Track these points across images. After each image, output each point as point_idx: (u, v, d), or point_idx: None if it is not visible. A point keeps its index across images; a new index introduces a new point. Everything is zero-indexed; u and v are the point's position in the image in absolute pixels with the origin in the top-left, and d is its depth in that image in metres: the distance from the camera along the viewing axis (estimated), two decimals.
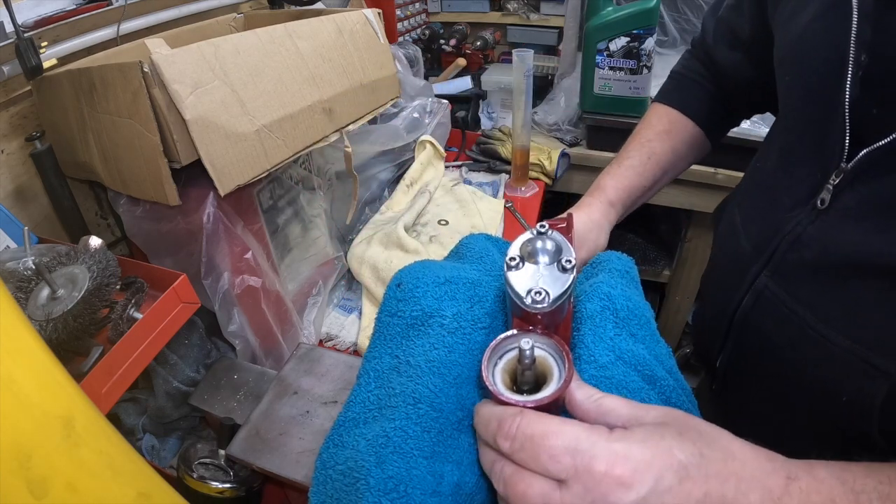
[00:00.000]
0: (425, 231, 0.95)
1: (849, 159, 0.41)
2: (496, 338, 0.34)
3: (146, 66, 0.50)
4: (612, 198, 0.63)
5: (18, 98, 0.68)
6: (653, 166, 0.65)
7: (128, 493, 0.29)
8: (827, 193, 0.43)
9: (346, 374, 0.60)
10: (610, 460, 0.27)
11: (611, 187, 0.64)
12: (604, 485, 0.26)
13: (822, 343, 0.43)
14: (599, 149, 1.36)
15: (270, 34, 0.62)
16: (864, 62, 0.38)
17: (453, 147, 1.29)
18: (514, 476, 0.29)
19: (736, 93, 0.66)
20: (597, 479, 0.26)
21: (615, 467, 0.26)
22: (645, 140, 0.66)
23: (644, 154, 0.65)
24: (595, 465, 0.27)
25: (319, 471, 0.39)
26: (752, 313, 0.52)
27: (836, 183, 0.42)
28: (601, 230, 0.61)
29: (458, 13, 1.77)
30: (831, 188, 0.42)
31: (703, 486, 0.27)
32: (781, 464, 0.29)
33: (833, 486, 0.28)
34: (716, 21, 0.65)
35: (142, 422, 0.71)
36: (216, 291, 0.61)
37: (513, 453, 0.29)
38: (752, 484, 0.28)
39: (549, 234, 0.35)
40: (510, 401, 0.30)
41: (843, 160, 0.41)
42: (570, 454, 0.27)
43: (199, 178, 0.56)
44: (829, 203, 0.43)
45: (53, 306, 0.45)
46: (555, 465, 0.27)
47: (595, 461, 0.27)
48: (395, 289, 0.45)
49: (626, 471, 0.26)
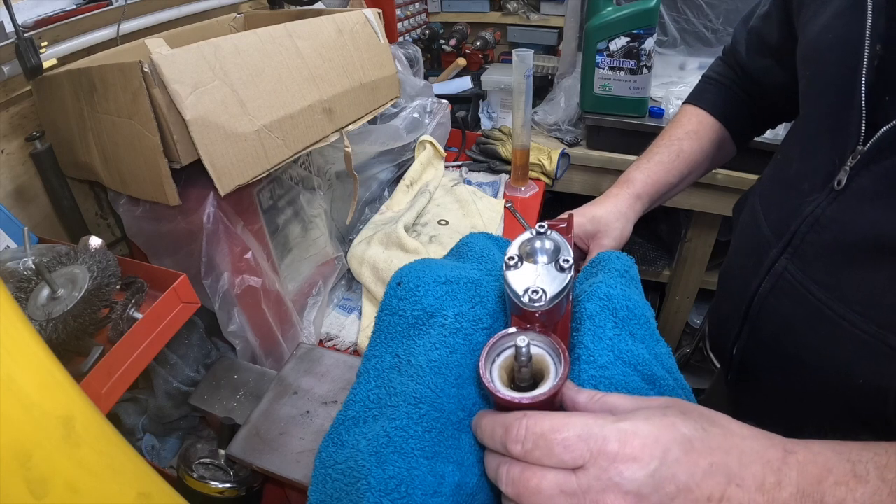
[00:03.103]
0: (425, 231, 0.95)
1: (865, 142, 0.42)
2: (493, 336, 0.34)
3: (146, 66, 0.50)
4: (639, 191, 0.64)
5: (18, 98, 0.68)
6: (680, 164, 0.66)
7: (128, 493, 0.29)
8: (844, 174, 0.44)
9: (346, 374, 0.60)
10: (622, 439, 0.28)
11: (639, 181, 0.65)
12: (618, 462, 0.27)
13: (840, 324, 0.44)
14: (599, 149, 1.37)
15: (270, 34, 0.62)
16: (879, 52, 0.40)
17: (453, 147, 1.29)
18: (524, 473, 0.29)
19: (764, 99, 0.68)
20: (611, 457, 0.27)
21: (626, 445, 0.28)
22: (675, 138, 0.68)
23: (673, 151, 0.67)
24: (608, 446, 0.28)
25: (319, 469, 0.39)
26: (769, 297, 0.52)
27: (853, 164, 0.43)
28: (627, 221, 0.62)
29: (458, 13, 1.77)
30: (848, 169, 0.43)
31: (707, 457, 0.28)
32: (779, 440, 0.30)
33: (829, 457, 0.29)
34: (748, 31, 0.67)
35: (142, 422, 0.71)
36: (216, 291, 0.61)
37: (526, 454, 0.29)
38: (753, 456, 0.29)
39: (549, 234, 0.35)
40: (507, 397, 0.31)
41: (859, 143, 0.42)
42: (584, 440, 0.28)
43: (199, 178, 0.56)
44: (846, 184, 0.44)
45: (53, 306, 0.45)
46: (570, 455, 0.28)
47: (608, 442, 0.28)
48: (395, 287, 0.45)
49: (636, 447, 0.27)
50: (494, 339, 0.34)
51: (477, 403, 0.39)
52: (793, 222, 0.49)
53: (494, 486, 0.38)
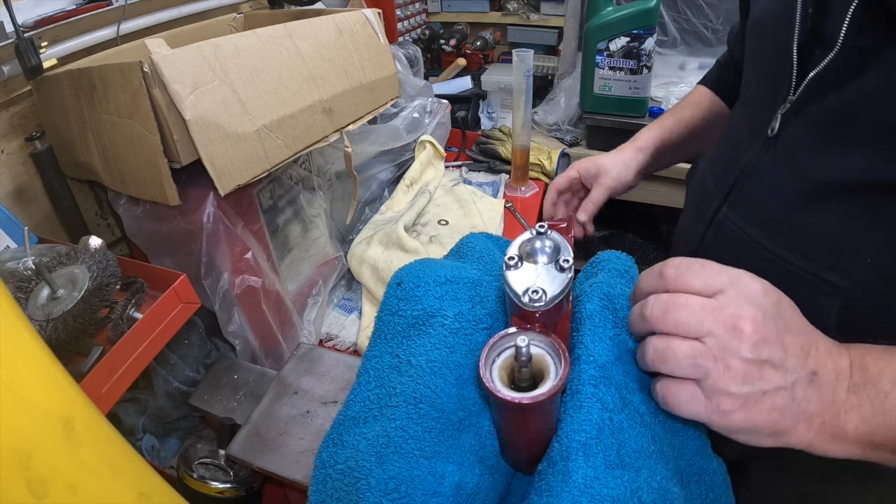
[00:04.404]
0: (425, 231, 0.95)
1: (795, 92, 0.46)
2: (493, 336, 0.34)
3: (146, 66, 0.50)
4: (640, 145, 0.73)
5: (18, 98, 0.68)
6: (681, 127, 0.75)
7: (128, 493, 0.29)
8: (776, 122, 0.48)
9: (346, 374, 0.60)
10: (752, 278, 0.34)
11: (642, 137, 0.74)
12: (751, 288, 0.33)
13: (779, 264, 0.47)
14: (599, 149, 1.37)
15: (270, 34, 0.62)
16: (810, 14, 0.44)
17: (453, 147, 1.29)
18: (673, 295, 0.34)
19: None
20: (745, 285, 0.33)
21: (757, 280, 0.34)
22: (678, 108, 0.78)
23: (675, 117, 0.76)
24: (743, 279, 0.33)
25: (319, 469, 0.39)
26: (712, 246, 0.55)
27: (784, 112, 0.47)
28: (626, 167, 0.71)
29: (458, 13, 1.77)
30: (780, 117, 0.47)
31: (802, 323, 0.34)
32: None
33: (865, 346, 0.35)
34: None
35: (142, 422, 0.71)
36: (216, 291, 0.61)
37: (679, 276, 0.34)
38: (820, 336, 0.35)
39: (549, 234, 0.35)
40: (507, 398, 0.31)
41: (790, 93, 0.46)
42: (725, 272, 0.34)
43: (199, 178, 0.56)
44: (778, 131, 0.48)
45: (53, 306, 0.45)
46: (715, 279, 0.33)
47: (742, 276, 0.34)
48: (395, 287, 0.45)
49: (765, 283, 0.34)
50: (494, 339, 0.34)
51: (477, 403, 0.39)
52: (732, 173, 0.53)
53: (494, 485, 0.38)
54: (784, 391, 0.32)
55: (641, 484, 0.32)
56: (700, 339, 0.32)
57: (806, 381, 0.32)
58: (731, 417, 0.32)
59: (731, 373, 0.31)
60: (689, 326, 0.32)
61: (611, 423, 0.34)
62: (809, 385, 0.32)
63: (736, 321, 0.31)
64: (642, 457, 0.33)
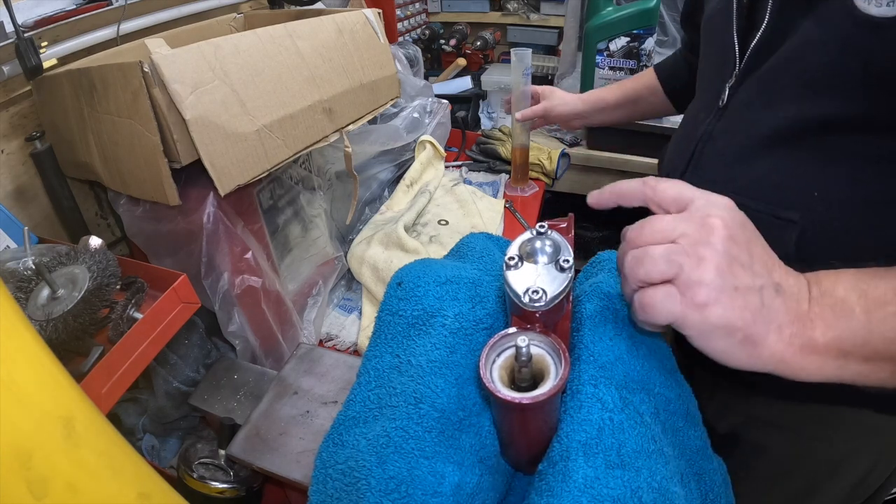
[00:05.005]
0: (425, 231, 0.95)
1: (738, 66, 0.54)
2: (494, 336, 0.34)
3: (146, 66, 0.50)
4: (585, 98, 0.97)
5: (18, 98, 0.68)
6: (619, 92, 0.94)
7: (128, 493, 0.29)
8: (725, 94, 0.55)
9: (346, 374, 0.60)
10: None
11: (588, 93, 0.98)
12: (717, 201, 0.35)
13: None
14: (599, 149, 1.37)
15: (270, 34, 0.62)
16: (745, 4, 0.53)
17: (453, 147, 1.28)
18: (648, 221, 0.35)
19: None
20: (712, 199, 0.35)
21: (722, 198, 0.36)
22: (625, 81, 0.97)
23: (616, 85, 0.96)
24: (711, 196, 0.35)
25: (319, 469, 0.39)
26: None
27: (731, 84, 0.54)
28: (566, 103, 0.97)
29: (458, 13, 1.77)
30: (727, 89, 0.55)
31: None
32: None
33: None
34: None
35: (142, 422, 0.71)
36: (216, 291, 0.61)
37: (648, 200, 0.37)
38: None
39: (549, 234, 0.35)
40: (507, 398, 0.31)
41: (735, 69, 0.54)
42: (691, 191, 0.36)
43: (199, 178, 0.56)
44: (727, 101, 0.55)
45: (53, 306, 0.45)
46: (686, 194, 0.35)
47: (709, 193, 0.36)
48: (395, 287, 0.45)
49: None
50: (494, 339, 0.34)
51: (477, 403, 0.39)
52: (692, 143, 0.59)
53: (494, 485, 0.38)
54: (754, 292, 0.33)
55: (641, 484, 0.32)
56: (675, 239, 0.33)
57: (773, 290, 0.34)
58: (707, 311, 0.32)
59: (704, 264, 0.32)
60: (664, 232, 0.34)
61: (611, 423, 0.34)
62: (776, 295, 0.34)
63: (706, 219, 0.33)
64: (642, 457, 0.33)
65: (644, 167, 1.34)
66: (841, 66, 0.43)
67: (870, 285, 0.34)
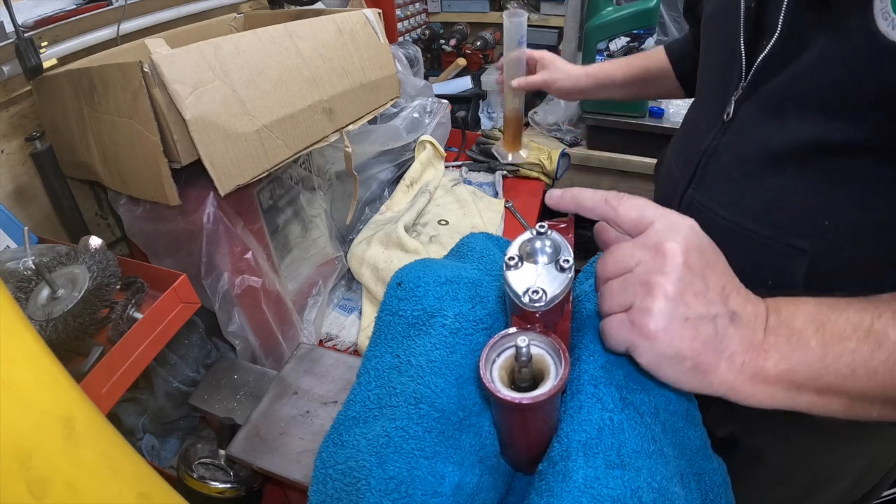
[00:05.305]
0: (425, 231, 0.95)
1: (745, 79, 0.51)
2: (494, 336, 0.34)
3: (146, 66, 0.50)
4: (590, 71, 0.90)
5: (18, 98, 0.68)
6: (627, 69, 0.88)
7: (128, 493, 0.29)
8: (731, 107, 0.53)
9: (346, 374, 0.60)
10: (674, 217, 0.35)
11: (594, 67, 0.91)
12: (675, 223, 0.34)
13: (744, 235, 0.51)
14: (599, 149, 1.37)
15: (270, 34, 0.62)
16: (753, 7, 0.49)
17: (453, 147, 1.28)
18: (612, 250, 0.36)
19: None
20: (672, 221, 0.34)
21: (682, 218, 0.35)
22: (633, 57, 0.92)
23: (627, 62, 0.90)
24: (671, 216, 0.35)
25: (319, 469, 0.39)
26: None
27: (738, 97, 0.52)
28: (569, 76, 0.89)
29: (458, 13, 1.77)
30: (733, 101, 0.52)
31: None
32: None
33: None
34: None
35: (142, 422, 0.71)
36: (216, 291, 0.61)
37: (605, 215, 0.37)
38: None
39: (549, 234, 0.35)
40: (507, 398, 0.30)
41: (741, 80, 0.51)
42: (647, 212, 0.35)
43: (199, 178, 0.56)
44: (733, 115, 0.53)
45: (53, 306, 0.45)
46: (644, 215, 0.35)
47: (670, 213, 0.35)
48: (395, 287, 0.45)
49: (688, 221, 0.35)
50: (495, 339, 0.34)
51: (477, 403, 0.39)
52: (695, 157, 0.57)
53: (494, 485, 0.38)
54: (707, 322, 0.33)
55: (642, 484, 0.32)
56: (631, 269, 0.34)
57: (727, 319, 0.33)
58: (655, 341, 0.32)
59: (655, 292, 0.32)
60: (622, 263, 0.34)
61: (611, 423, 0.34)
62: (731, 324, 0.33)
63: (662, 246, 0.33)
64: (642, 457, 0.33)
65: (644, 167, 1.34)
66: (856, 88, 0.41)
67: (830, 318, 0.34)
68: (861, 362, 0.33)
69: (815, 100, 0.45)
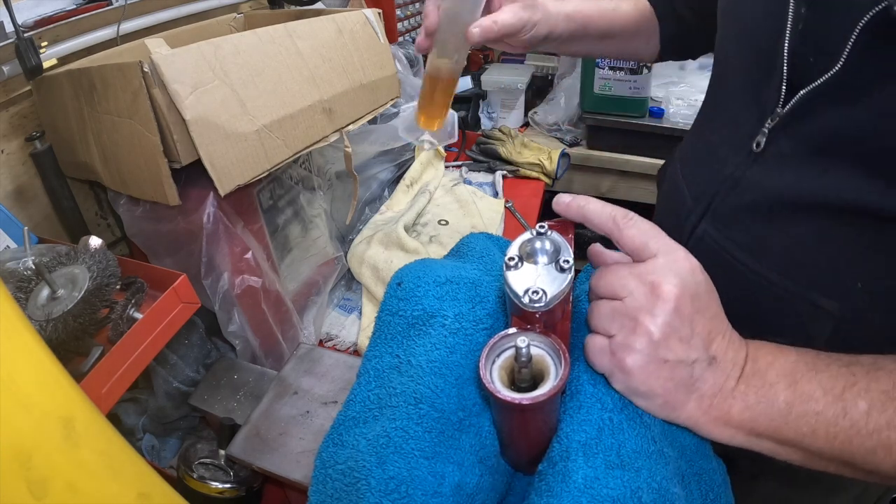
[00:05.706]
0: (425, 231, 0.95)
1: (784, 105, 0.42)
2: (494, 336, 0.34)
3: (146, 66, 0.50)
4: (568, 12, 0.61)
5: (18, 98, 0.68)
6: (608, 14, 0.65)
7: (128, 493, 0.29)
8: (762, 137, 0.44)
9: (346, 374, 0.60)
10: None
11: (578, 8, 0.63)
12: (674, 260, 0.34)
13: (760, 284, 0.46)
14: (599, 149, 1.37)
15: (270, 34, 0.62)
16: (803, 14, 0.39)
17: (453, 147, 1.28)
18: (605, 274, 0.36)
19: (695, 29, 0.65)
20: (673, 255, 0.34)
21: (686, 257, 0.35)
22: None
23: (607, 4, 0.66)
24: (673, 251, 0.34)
25: (319, 470, 0.39)
26: None
27: (772, 127, 0.43)
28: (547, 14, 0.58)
29: None
30: (766, 132, 0.44)
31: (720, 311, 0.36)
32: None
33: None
34: None
35: (142, 422, 0.71)
36: (216, 291, 0.61)
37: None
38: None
39: (549, 234, 0.35)
40: (507, 398, 0.31)
41: (778, 105, 0.42)
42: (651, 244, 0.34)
43: (199, 178, 0.56)
44: (765, 147, 0.44)
45: (53, 306, 0.45)
46: (648, 248, 0.34)
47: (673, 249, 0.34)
48: (395, 287, 0.45)
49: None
50: (494, 339, 0.34)
51: (477, 404, 0.39)
52: (712, 185, 0.50)
53: (494, 486, 0.38)
54: (684, 366, 0.33)
55: (641, 484, 0.32)
56: (623, 298, 0.34)
57: (705, 363, 0.34)
58: (631, 377, 0.33)
59: (640, 331, 0.33)
60: (615, 288, 0.34)
61: (611, 424, 0.34)
62: (707, 367, 0.34)
63: (658, 286, 0.33)
64: (642, 457, 0.33)
65: (644, 167, 1.34)
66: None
67: (805, 376, 0.34)
68: (823, 426, 0.33)
69: (869, 157, 0.37)
